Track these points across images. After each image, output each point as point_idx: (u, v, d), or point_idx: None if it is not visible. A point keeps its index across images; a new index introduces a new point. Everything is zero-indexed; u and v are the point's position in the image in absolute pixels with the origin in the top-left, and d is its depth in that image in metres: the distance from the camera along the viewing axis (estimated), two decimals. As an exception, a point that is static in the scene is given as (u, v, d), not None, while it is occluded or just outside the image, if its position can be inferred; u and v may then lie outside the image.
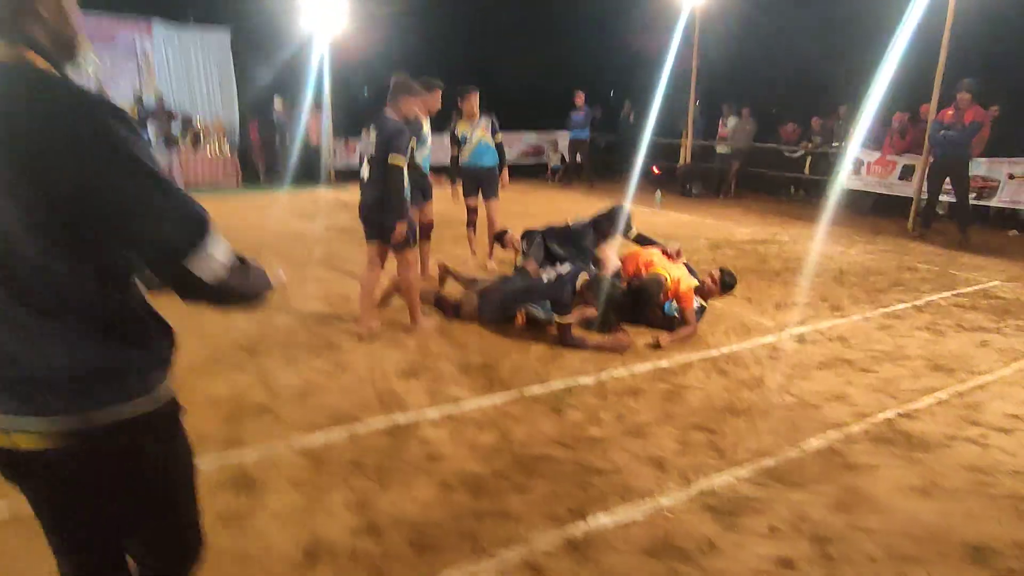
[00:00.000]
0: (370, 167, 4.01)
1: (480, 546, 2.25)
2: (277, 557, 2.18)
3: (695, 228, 8.58)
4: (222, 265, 1.16)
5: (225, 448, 2.85)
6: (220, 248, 1.16)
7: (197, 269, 1.12)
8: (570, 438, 3.01)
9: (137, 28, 12.66)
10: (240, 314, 4.64)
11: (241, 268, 1.22)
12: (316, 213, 9.41)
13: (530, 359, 3.94)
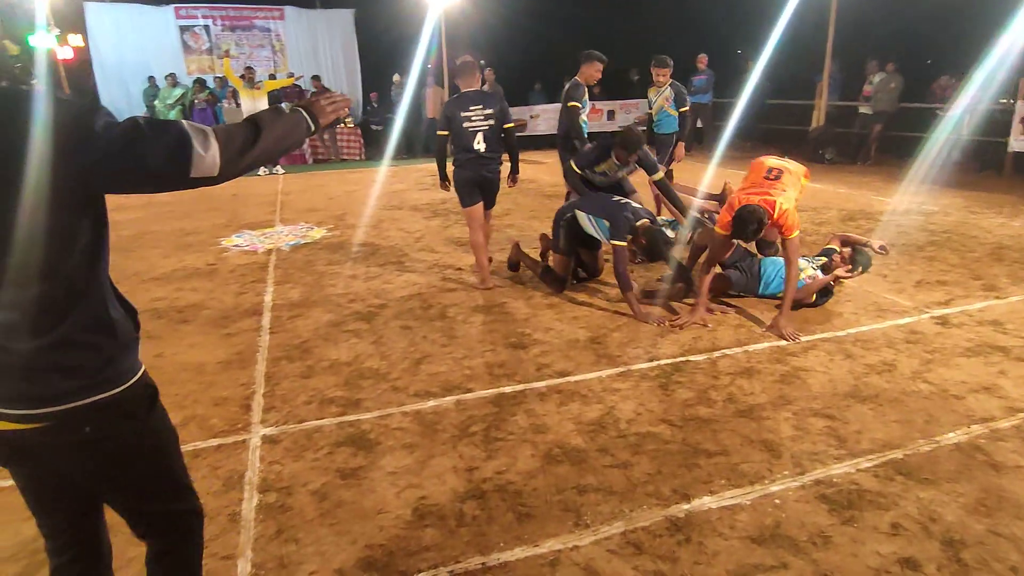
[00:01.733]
0: (486, 139, 4.54)
1: (582, 520, 2.28)
2: (389, 514, 2.33)
3: (826, 198, 7.96)
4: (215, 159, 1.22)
5: (344, 409, 3.06)
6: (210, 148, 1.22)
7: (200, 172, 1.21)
8: (677, 417, 2.94)
9: (272, 15, 13.52)
10: (359, 285, 4.92)
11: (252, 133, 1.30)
12: (432, 185, 9.69)
13: (639, 335, 3.88)
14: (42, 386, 1.22)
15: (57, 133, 1.10)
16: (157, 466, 1.44)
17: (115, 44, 12.86)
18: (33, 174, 1.09)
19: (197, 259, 5.84)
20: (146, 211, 8.05)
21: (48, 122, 1.10)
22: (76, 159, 1.12)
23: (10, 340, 1.20)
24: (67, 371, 1.23)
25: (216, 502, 2.42)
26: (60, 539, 1.49)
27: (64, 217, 1.16)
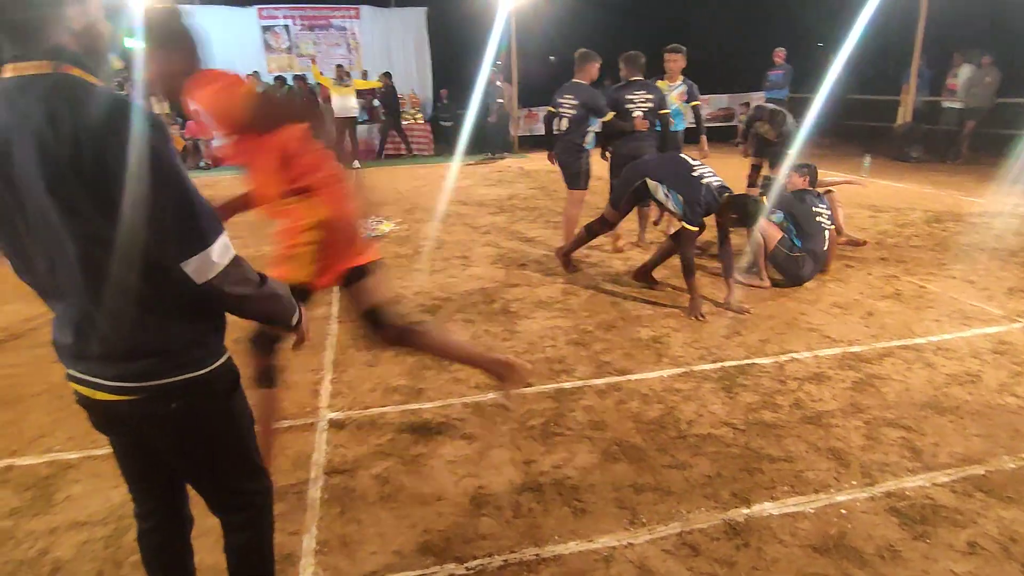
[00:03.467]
0: (570, 123, 5.14)
1: (638, 518, 2.27)
2: (448, 501, 2.39)
3: (911, 198, 7.56)
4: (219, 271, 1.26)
5: (407, 398, 3.15)
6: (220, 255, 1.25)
7: (191, 269, 1.23)
8: (740, 420, 2.88)
9: (348, 14, 13.93)
10: (424, 278, 5.03)
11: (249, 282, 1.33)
12: (500, 181, 9.78)
13: (703, 335, 3.81)
14: (134, 363, 1.31)
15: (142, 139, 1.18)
16: (233, 446, 1.51)
17: (206, 44, 13.55)
18: (133, 171, 1.16)
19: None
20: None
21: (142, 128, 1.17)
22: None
23: (107, 320, 1.29)
24: (158, 350, 1.31)
25: (284, 480, 2.54)
26: (145, 506, 1.62)
27: None
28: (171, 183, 1.20)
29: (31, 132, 1.15)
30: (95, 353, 1.33)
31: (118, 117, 1.16)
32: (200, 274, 1.24)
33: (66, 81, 1.19)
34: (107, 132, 1.15)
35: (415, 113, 13.34)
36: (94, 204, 1.18)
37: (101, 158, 1.14)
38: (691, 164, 4.24)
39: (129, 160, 1.15)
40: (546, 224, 6.83)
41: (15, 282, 1.38)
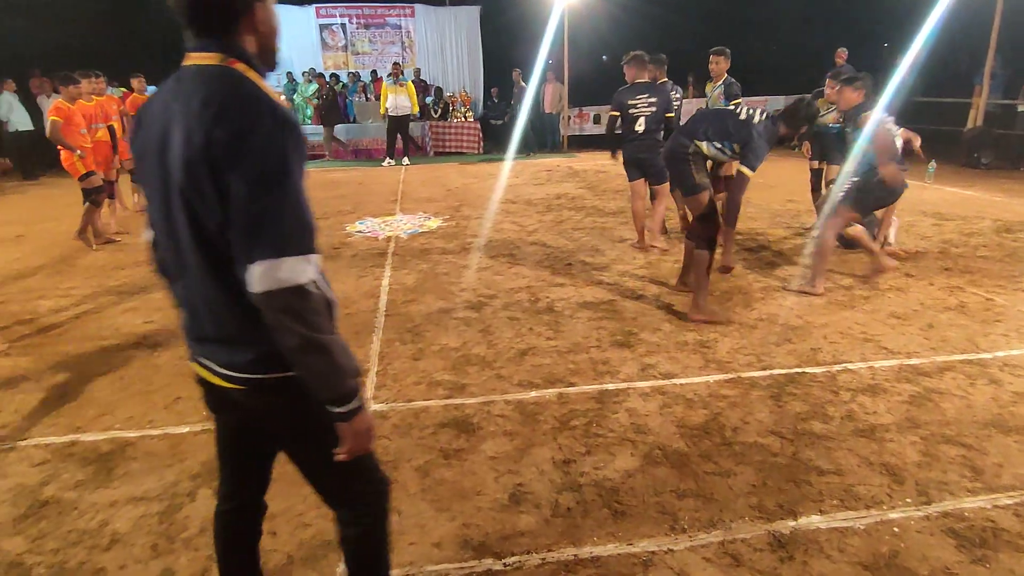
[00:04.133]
0: (647, 123, 5.34)
1: (679, 525, 2.23)
2: (487, 497, 2.40)
3: (979, 206, 7.21)
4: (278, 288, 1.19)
5: (450, 393, 3.18)
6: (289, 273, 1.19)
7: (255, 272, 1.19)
8: (789, 430, 2.80)
9: (403, 12, 14.13)
10: (471, 275, 5.07)
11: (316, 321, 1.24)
12: (548, 180, 9.77)
13: (752, 341, 3.72)
14: (244, 355, 1.34)
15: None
16: (331, 449, 1.44)
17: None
18: (252, 164, 1.19)
19: (323, 242, 6.25)
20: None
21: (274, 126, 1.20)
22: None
23: (222, 312, 1.32)
24: (257, 344, 1.31)
25: (330, 468, 2.60)
26: (230, 487, 1.66)
27: None
28: (268, 180, 1.19)
29: (184, 115, 1.22)
30: (209, 337, 1.38)
31: (255, 111, 1.20)
32: (258, 282, 1.19)
33: (226, 72, 1.26)
34: (241, 123, 1.19)
35: (465, 111, 13.44)
36: (215, 190, 1.20)
37: (229, 146, 1.18)
38: (731, 110, 4.13)
39: (240, 148, 1.18)
40: (593, 224, 6.79)
41: (84, 263, 1.45)
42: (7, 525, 2.31)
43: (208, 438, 2.84)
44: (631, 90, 5.42)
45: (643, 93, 5.37)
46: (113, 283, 5.16)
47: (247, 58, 1.30)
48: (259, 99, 1.23)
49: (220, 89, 1.23)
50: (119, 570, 2.09)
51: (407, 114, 11.58)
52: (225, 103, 1.20)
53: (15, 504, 2.43)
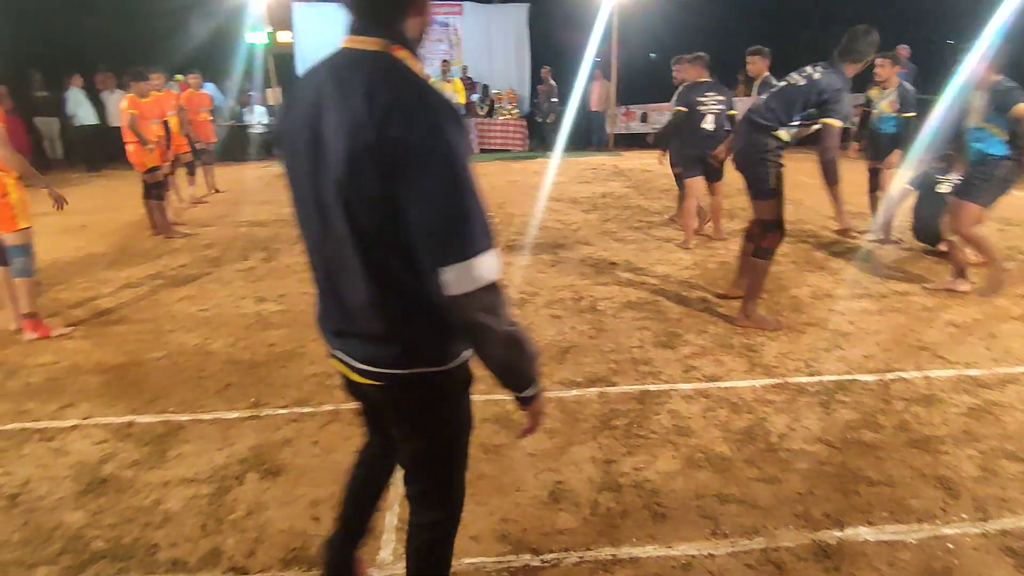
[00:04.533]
0: (716, 120, 5.44)
1: (720, 530, 2.20)
2: (526, 493, 2.40)
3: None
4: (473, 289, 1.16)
5: (491, 388, 3.18)
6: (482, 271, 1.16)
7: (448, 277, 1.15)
8: (837, 438, 2.72)
9: (452, 10, 14.23)
10: (514, 272, 5.08)
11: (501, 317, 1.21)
12: (593, 179, 9.71)
13: (800, 346, 3.63)
14: (387, 351, 1.33)
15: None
16: (446, 446, 1.48)
17: (316, 39, 14.25)
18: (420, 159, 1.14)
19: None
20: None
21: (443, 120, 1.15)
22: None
23: (371, 309, 1.30)
24: (401, 340, 1.31)
25: (372, 458, 2.64)
26: (368, 450, 1.79)
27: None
28: (452, 180, 1.14)
29: (345, 101, 1.17)
30: (347, 331, 1.38)
31: (424, 104, 1.15)
32: (454, 285, 1.15)
33: (392, 61, 1.21)
34: (410, 116, 1.13)
35: (511, 109, 13.46)
36: (378, 183, 1.16)
37: (397, 140, 1.13)
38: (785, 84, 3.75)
39: (419, 148, 1.13)
40: (639, 223, 6.72)
41: (141, 252, 1.51)
42: (70, 499, 2.43)
43: (256, 424, 2.93)
44: (698, 88, 5.48)
45: (711, 91, 5.46)
46: (170, 272, 5.36)
47: (410, 45, 1.25)
48: (429, 94, 1.17)
49: (388, 82, 1.17)
50: (171, 547, 2.18)
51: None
52: (396, 99, 1.15)
53: (77, 480, 2.55)
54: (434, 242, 1.15)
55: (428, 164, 1.13)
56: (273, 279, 5.10)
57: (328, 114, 1.20)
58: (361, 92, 1.16)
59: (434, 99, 1.16)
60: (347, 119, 1.16)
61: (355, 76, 1.19)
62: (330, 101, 1.20)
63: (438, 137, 1.13)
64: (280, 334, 3.97)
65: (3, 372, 3.53)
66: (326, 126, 1.20)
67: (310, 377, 3.37)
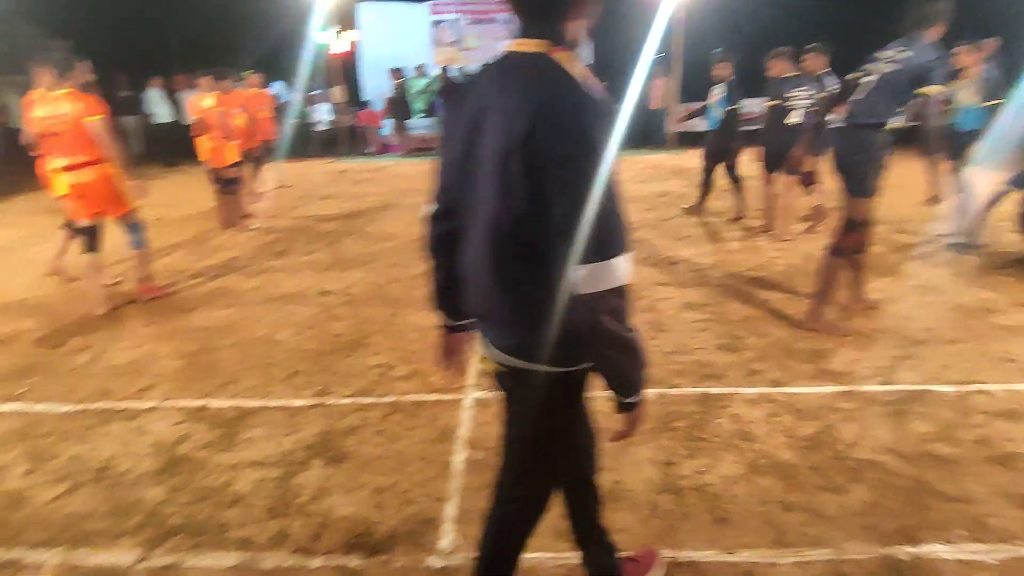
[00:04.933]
0: (803, 115, 5.49)
1: (784, 538, 2.14)
2: (584, 491, 2.40)
3: None
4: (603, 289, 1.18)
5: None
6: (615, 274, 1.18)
7: (581, 274, 1.18)
8: (910, 451, 2.60)
9: (513, 7, 14.23)
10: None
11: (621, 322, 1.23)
12: (652, 178, 9.57)
13: (872, 353, 3.48)
14: (509, 337, 1.40)
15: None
16: (548, 445, 1.51)
17: (378, 39, 14.56)
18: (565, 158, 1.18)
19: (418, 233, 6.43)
20: (385, 185, 9.09)
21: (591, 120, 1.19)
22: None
23: (500, 296, 1.36)
24: (529, 333, 1.33)
25: (432, 449, 2.69)
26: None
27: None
28: (594, 180, 1.16)
29: (503, 100, 1.24)
30: (487, 315, 1.46)
31: (573, 103, 1.18)
32: (585, 284, 1.18)
33: (549, 63, 1.24)
34: (558, 114, 1.17)
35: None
36: (525, 178, 1.20)
37: (545, 137, 1.17)
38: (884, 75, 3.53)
39: (565, 145, 1.16)
40: (698, 223, 6.59)
41: (213, 244, 1.58)
42: (149, 476, 2.57)
43: (321, 412, 3.03)
44: (787, 83, 5.62)
45: (801, 86, 5.57)
46: (240, 264, 5.58)
47: (570, 46, 1.27)
48: (579, 93, 1.20)
49: (542, 82, 1.21)
50: (240, 527, 2.27)
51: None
52: (553, 97, 1.18)
53: (156, 458, 2.69)
54: (571, 239, 1.17)
55: (572, 162, 1.16)
56: (337, 271, 5.24)
57: (488, 113, 1.27)
58: (517, 91, 1.22)
59: (584, 99, 1.19)
60: (502, 116, 1.23)
61: (514, 76, 1.25)
62: (491, 101, 1.27)
63: (583, 136, 1.16)
64: (344, 325, 4.08)
65: (90, 355, 3.76)
66: (486, 124, 1.27)
67: (373, 368, 3.46)
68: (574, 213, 1.16)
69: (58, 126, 4.13)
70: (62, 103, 4.13)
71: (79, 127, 4.14)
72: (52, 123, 4.14)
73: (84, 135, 4.16)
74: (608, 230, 1.18)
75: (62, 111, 4.12)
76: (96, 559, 2.14)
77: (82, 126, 4.14)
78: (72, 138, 4.15)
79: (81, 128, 4.14)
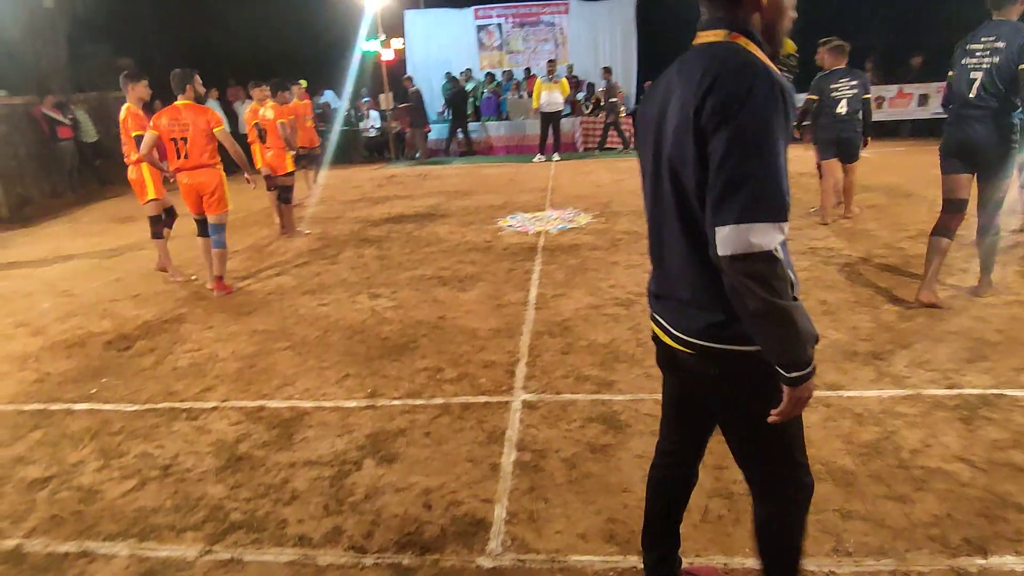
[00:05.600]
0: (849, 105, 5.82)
1: (843, 546, 2.07)
2: (634, 494, 2.37)
3: None
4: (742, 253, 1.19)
5: (598, 388, 3.18)
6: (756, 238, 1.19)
7: (720, 236, 1.22)
8: (981, 458, 2.48)
9: (557, 9, 14.24)
10: (620, 272, 5.02)
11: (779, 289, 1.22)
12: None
13: (937, 356, 3.33)
14: (697, 321, 1.40)
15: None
16: (770, 431, 1.41)
17: (425, 45, 14.78)
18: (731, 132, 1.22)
19: (476, 235, 6.51)
20: (433, 190, 9.20)
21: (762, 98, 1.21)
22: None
23: (686, 274, 1.40)
24: (714, 314, 1.36)
25: (480, 451, 2.71)
26: (666, 446, 1.80)
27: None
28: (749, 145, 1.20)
29: (684, 83, 1.31)
30: (670, 295, 1.47)
31: (748, 79, 1.22)
32: (724, 244, 1.21)
33: (726, 47, 1.31)
34: (731, 89, 1.22)
35: (617, 106, 13.27)
36: (697, 155, 1.27)
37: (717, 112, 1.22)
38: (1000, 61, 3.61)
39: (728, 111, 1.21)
40: (751, 222, 6.43)
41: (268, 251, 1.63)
42: (211, 473, 2.67)
43: (372, 414, 3.09)
44: (831, 76, 5.91)
45: (844, 77, 5.86)
46: (293, 269, 5.75)
47: (750, 33, 1.33)
48: (754, 68, 1.24)
49: (718, 61, 1.28)
50: (298, 523, 2.34)
51: (559, 110, 11.69)
52: (720, 73, 1.24)
53: (217, 456, 2.80)
54: (717, 200, 1.22)
55: (730, 126, 1.21)
56: (386, 275, 5.34)
57: (671, 100, 1.35)
58: (697, 73, 1.28)
59: (756, 71, 1.23)
60: (681, 99, 1.30)
61: (696, 64, 1.31)
62: (675, 89, 1.35)
63: (747, 102, 1.20)
64: (393, 329, 4.15)
65: (155, 357, 3.94)
66: (669, 110, 1.35)
67: (421, 371, 3.51)
68: (724, 175, 1.21)
69: (183, 133, 4.80)
70: (185, 113, 4.80)
71: (201, 134, 4.80)
72: (177, 130, 4.80)
73: (204, 141, 4.83)
74: (754, 195, 1.19)
75: (185, 121, 4.79)
76: (162, 552, 2.24)
77: (205, 133, 4.82)
78: (192, 144, 4.81)
79: (203, 135, 4.81)
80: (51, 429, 3.13)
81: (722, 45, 1.31)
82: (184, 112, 4.82)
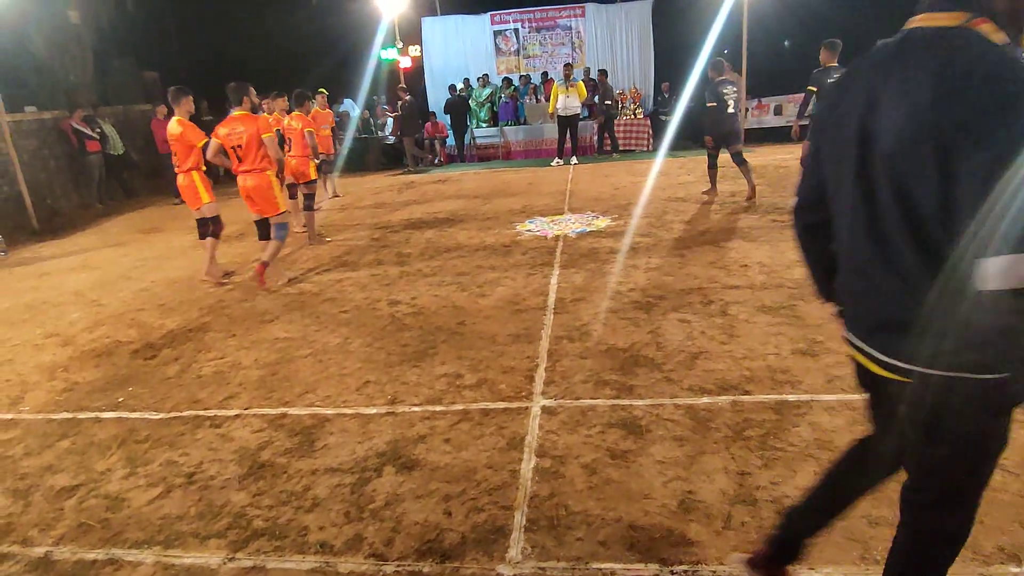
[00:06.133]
0: None
1: (871, 555, 2.03)
2: (655, 501, 2.35)
3: None
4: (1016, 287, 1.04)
5: (618, 393, 3.16)
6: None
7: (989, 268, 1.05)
8: (1015, 463, 2.41)
9: (574, 12, 14.25)
10: (639, 275, 4.98)
11: None
12: (721, 177, 9.28)
13: (965, 357, 3.25)
14: (905, 339, 1.23)
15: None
16: (965, 463, 1.33)
17: (442, 51, 14.88)
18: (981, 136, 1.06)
19: (495, 240, 6.52)
20: (451, 196, 9.23)
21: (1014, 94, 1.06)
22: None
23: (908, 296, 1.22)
24: (938, 337, 1.18)
25: (500, 457, 2.71)
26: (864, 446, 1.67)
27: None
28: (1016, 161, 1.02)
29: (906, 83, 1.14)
30: (868, 317, 1.33)
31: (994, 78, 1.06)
32: (995, 278, 1.05)
33: (967, 35, 1.13)
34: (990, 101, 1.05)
35: (635, 108, 13.23)
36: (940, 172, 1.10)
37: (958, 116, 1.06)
38: None
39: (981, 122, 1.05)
40: (772, 223, 6.36)
41: (292, 258, 1.64)
42: (234, 481, 2.70)
43: (392, 420, 3.10)
44: (828, 72, 6.01)
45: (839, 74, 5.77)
46: (314, 276, 5.81)
47: (997, 18, 1.14)
48: (1004, 67, 1.07)
49: (962, 59, 1.10)
50: (319, 530, 2.35)
51: (575, 114, 11.68)
52: (973, 71, 1.07)
53: (240, 463, 2.83)
54: (983, 226, 1.04)
55: (998, 140, 1.03)
56: (405, 282, 5.36)
57: (882, 94, 1.18)
58: (927, 69, 1.11)
59: (1009, 73, 1.06)
60: (906, 97, 1.13)
61: (925, 55, 1.13)
62: (886, 80, 1.18)
63: (1004, 111, 1.03)
64: (412, 335, 4.16)
65: (179, 366, 4.00)
66: (880, 106, 1.18)
67: (440, 377, 3.51)
68: (986, 197, 1.03)
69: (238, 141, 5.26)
70: (241, 123, 5.25)
71: (254, 141, 5.24)
72: (234, 138, 5.26)
73: (256, 147, 5.26)
74: None
75: (241, 130, 5.24)
76: (187, 559, 2.27)
77: (257, 140, 5.24)
78: (247, 150, 5.27)
79: (255, 142, 5.24)
80: (79, 438, 3.19)
81: (962, 33, 1.12)
82: (241, 122, 5.27)
